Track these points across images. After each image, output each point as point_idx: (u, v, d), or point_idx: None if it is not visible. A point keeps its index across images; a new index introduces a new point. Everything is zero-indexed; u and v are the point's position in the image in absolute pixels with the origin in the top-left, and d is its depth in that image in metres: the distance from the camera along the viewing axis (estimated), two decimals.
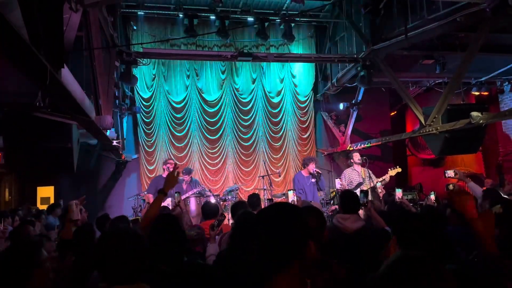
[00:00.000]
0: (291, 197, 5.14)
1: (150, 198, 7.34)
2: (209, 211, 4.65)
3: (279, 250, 1.24)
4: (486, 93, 11.45)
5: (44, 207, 7.66)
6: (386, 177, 7.21)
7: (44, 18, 2.88)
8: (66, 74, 3.60)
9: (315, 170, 7.45)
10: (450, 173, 5.39)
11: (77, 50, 5.15)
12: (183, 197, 7.61)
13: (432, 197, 5.63)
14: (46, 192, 8.99)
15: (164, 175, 7.70)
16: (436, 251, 2.11)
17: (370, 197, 6.92)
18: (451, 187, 5.65)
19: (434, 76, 9.89)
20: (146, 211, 3.07)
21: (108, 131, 6.73)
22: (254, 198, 5.40)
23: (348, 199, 3.74)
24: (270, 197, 8.10)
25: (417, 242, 2.15)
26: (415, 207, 6.35)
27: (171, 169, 7.61)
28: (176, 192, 5.31)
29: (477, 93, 11.25)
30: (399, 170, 7.28)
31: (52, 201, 8.79)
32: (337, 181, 7.04)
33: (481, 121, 6.36)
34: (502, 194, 4.63)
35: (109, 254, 1.76)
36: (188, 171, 8.23)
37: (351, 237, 3.28)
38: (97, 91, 5.82)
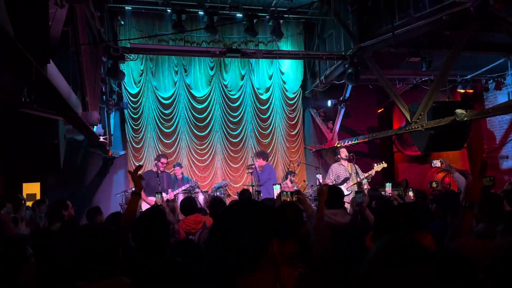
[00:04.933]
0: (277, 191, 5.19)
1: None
2: (187, 207, 4.66)
3: (242, 248, 1.25)
4: (471, 91, 11.65)
5: (30, 203, 7.57)
6: (372, 173, 7.35)
7: (29, 13, 2.85)
8: (52, 70, 3.58)
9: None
10: (436, 162, 5.49)
11: (63, 45, 5.10)
12: (175, 192, 7.66)
13: (411, 193, 5.75)
14: (32, 188, 8.88)
15: (154, 170, 7.75)
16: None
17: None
18: (434, 184, 5.76)
19: (421, 74, 10.02)
20: (124, 213, 3.08)
21: (95, 127, 6.69)
22: (246, 194, 5.47)
23: (333, 195, 3.80)
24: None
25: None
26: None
27: (161, 168, 7.63)
28: (156, 193, 5.32)
29: (462, 91, 11.43)
30: (385, 165, 7.39)
31: (38, 197, 8.69)
32: (318, 177, 7.03)
33: (465, 118, 6.48)
34: None
35: (80, 251, 1.78)
36: (179, 164, 8.40)
37: (342, 231, 3.36)
38: (83, 86, 5.78)
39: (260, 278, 1.25)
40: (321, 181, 6.80)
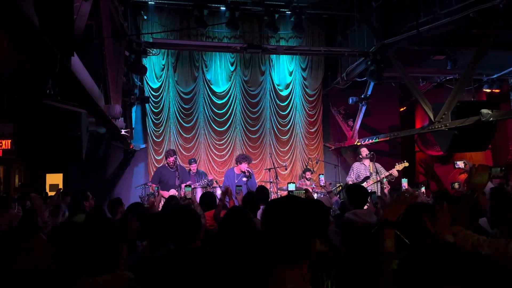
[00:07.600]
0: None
1: (154, 187, 7.52)
2: (207, 203, 4.67)
3: (290, 245, 1.23)
4: (497, 91, 11.32)
5: (53, 193, 7.74)
6: (394, 172, 7.21)
7: (54, 6, 2.90)
8: (76, 63, 3.63)
9: (247, 169, 7.58)
10: (460, 163, 5.37)
11: (87, 39, 5.17)
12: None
13: (423, 190, 5.65)
14: (55, 179, 9.09)
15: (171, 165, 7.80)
16: None
17: (378, 193, 6.92)
18: (456, 185, 5.63)
19: (445, 72, 9.79)
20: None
21: (117, 120, 6.78)
22: (263, 191, 5.44)
23: (357, 193, 3.74)
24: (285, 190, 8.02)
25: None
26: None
27: (171, 164, 7.66)
28: (185, 186, 5.34)
29: (488, 90, 11.12)
30: (406, 164, 7.24)
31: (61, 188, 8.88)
32: (321, 178, 6.59)
33: (491, 119, 6.31)
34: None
35: (80, 246, 1.81)
36: (194, 161, 8.44)
37: (368, 230, 3.30)
38: (106, 80, 5.85)
39: (297, 273, 1.25)
40: (324, 181, 6.49)
